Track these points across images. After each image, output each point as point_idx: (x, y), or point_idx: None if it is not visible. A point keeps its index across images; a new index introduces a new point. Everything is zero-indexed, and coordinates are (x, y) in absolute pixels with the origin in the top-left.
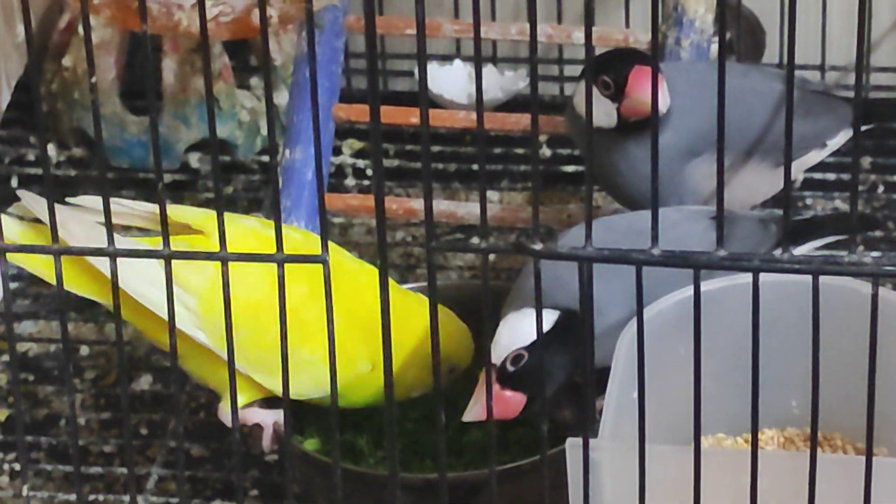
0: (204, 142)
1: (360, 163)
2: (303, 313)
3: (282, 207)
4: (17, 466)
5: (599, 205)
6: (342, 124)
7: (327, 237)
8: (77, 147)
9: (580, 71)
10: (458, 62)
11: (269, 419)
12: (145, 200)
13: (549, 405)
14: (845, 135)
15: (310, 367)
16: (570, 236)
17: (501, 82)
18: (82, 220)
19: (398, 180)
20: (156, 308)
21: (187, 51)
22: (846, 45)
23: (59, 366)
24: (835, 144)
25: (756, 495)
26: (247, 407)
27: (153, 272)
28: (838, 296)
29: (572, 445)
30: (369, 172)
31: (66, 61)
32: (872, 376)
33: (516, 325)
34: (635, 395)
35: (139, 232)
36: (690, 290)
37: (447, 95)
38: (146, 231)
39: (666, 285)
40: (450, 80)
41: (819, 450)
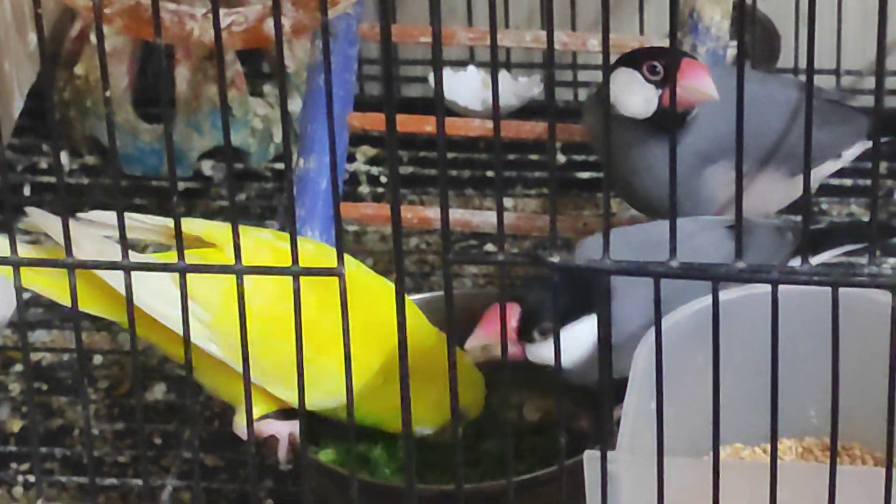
0: (217, 149)
1: (374, 170)
2: (315, 324)
3: (296, 217)
4: (31, 478)
5: (615, 211)
6: (356, 131)
7: (343, 249)
8: (90, 155)
9: (613, 62)
10: (471, 68)
11: (284, 430)
12: (158, 208)
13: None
14: (862, 146)
15: (322, 377)
16: (587, 247)
17: (515, 88)
18: (91, 236)
19: (412, 187)
20: (168, 322)
21: (200, 58)
22: (861, 49)
23: (72, 375)
24: (851, 155)
25: None
26: (261, 419)
27: (164, 287)
28: (855, 305)
29: (590, 458)
30: (383, 179)
31: (79, 69)
32: (893, 388)
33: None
34: (653, 405)
35: (150, 246)
36: (708, 300)
37: (461, 102)
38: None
39: (682, 296)
40: (463, 87)
41: (838, 461)
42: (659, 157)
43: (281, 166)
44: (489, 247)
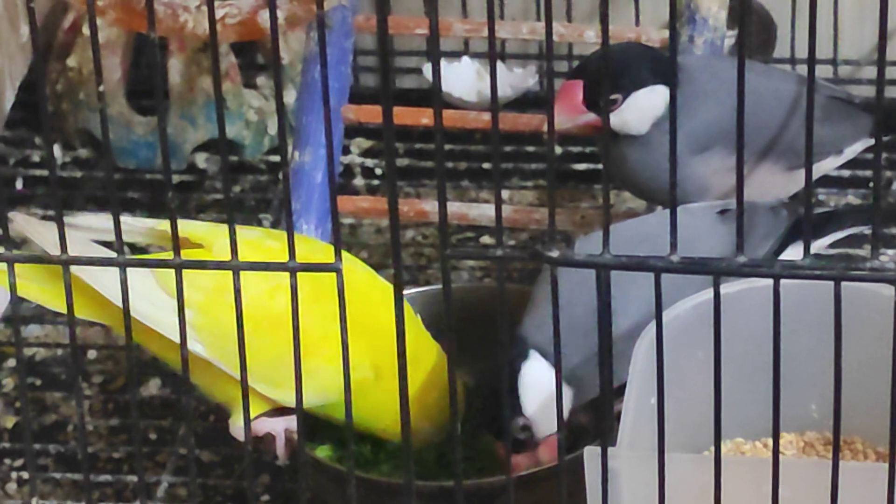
0: (211, 142)
1: (369, 162)
2: (304, 320)
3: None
4: (25, 474)
5: (612, 203)
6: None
7: (340, 244)
8: (83, 148)
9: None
10: (465, 59)
11: (280, 427)
12: (152, 201)
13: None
14: (863, 144)
15: (308, 376)
16: (586, 242)
17: (510, 79)
18: (77, 239)
19: (408, 179)
20: (155, 325)
21: (193, 50)
22: (858, 38)
23: (66, 371)
24: (851, 152)
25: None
26: (255, 419)
27: (150, 289)
28: (857, 298)
29: (590, 454)
30: (378, 171)
31: (71, 61)
32: (895, 382)
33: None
34: (653, 400)
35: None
36: (708, 293)
37: (456, 94)
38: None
39: (680, 290)
40: (458, 78)
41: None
42: (654, 146)
43: (275, 159)
44: (486, 239)
